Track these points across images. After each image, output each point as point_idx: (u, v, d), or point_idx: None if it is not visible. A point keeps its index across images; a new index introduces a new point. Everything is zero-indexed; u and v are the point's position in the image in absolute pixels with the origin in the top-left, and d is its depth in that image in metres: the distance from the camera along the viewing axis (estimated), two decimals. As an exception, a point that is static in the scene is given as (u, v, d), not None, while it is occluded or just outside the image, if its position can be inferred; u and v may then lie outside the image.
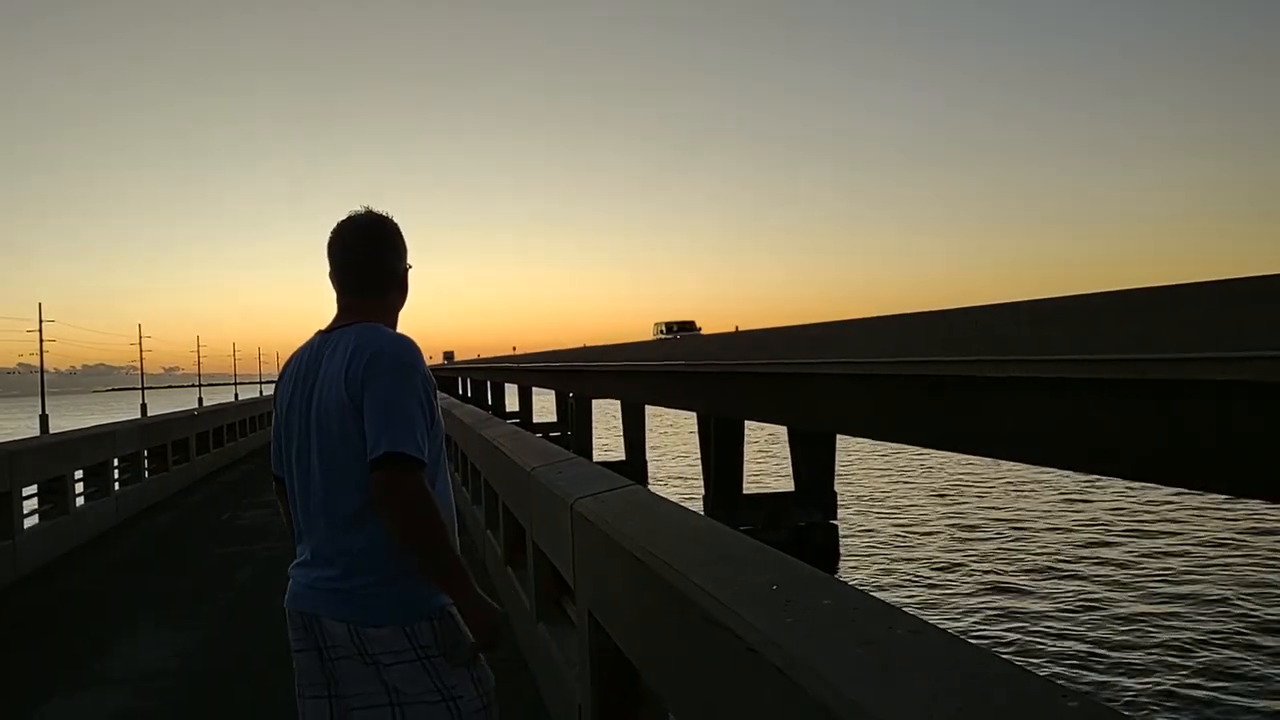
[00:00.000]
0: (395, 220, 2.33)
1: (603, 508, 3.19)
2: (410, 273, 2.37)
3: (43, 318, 63.69)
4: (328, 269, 2.31)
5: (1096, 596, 16.66)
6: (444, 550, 2.08)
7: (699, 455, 25.84)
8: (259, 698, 5.16)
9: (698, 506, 24.78)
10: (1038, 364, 9.43)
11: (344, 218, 2.29)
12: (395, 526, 2.04)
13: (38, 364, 62.49)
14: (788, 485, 24.67)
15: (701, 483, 25.11)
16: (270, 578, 8.57)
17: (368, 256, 2.28)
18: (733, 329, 25.60)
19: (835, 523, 23.02)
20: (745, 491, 23.92)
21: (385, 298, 2.30)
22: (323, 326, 2.30)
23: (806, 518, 22.80)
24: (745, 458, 24.36)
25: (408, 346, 2.17)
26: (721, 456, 23.26)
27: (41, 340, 62.87)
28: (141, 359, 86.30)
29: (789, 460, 24.74)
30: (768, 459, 35.45)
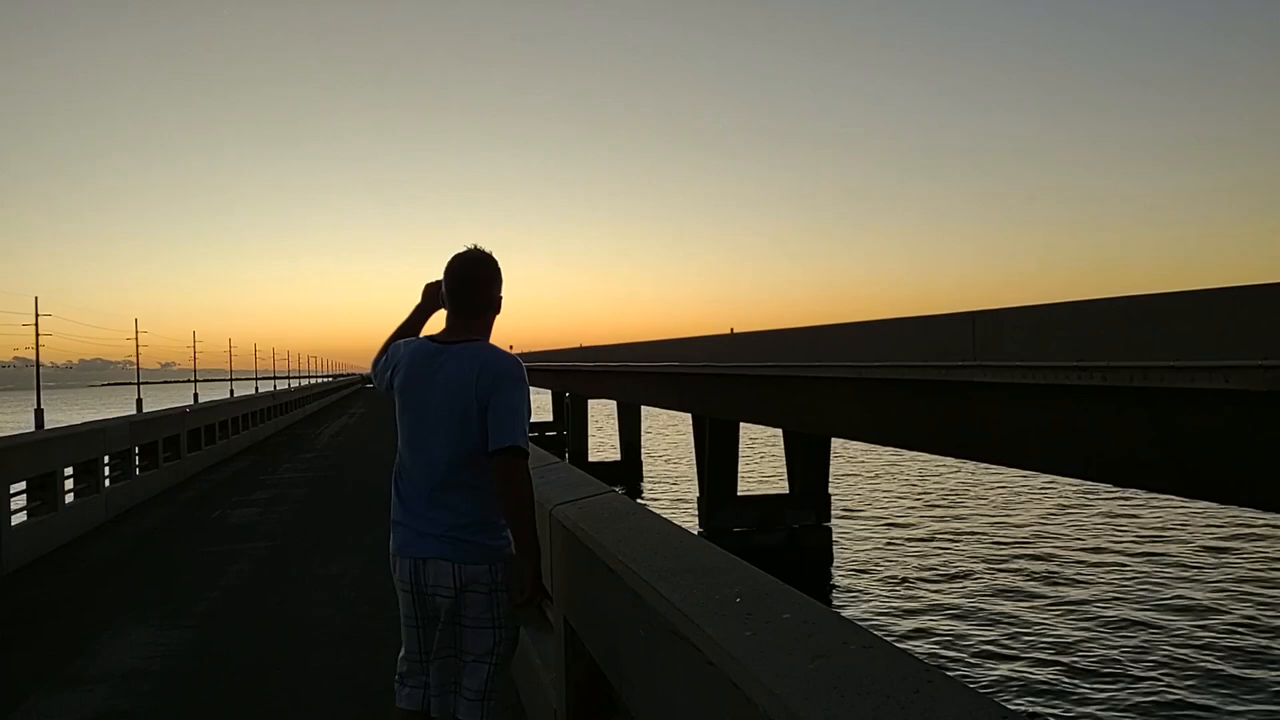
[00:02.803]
0: (495, 255, 3.00)
1: (580, 514, 3.19)
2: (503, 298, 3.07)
3: (39, 312, 63.62)
4: (442, 287, 3.00)
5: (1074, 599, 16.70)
6: (531, 511, 2.92)
7: (694, 456, 25.89)
8: (243, 698, 5.16)
9: (692, 507, 24.82)
10: (1027, 370, 9.47)
11: (462, 250, 2.98)
12: (507, 495, 2.82)
13: (33, 358, 62.38)
14: (782, 487, 24.70)
15: (696, 484, 25.13)
16: (258, 577, 8.57)
17: (478, 285, 2.98)
18: (728, 330, 25.58)
19: (829, 525, 23.05)
20: (740, 493, 23.93)
21: (486, 317, 3.01)
22: (432, 334, 3.05)
23: (800, 520, 22.83)
24: (740, 459, 24.39)
25: (519, 366, 2.91)
26: (716, 458, 23.28)
27: (38, 334, 62.81)
28: (138, 354, 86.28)
29: (784, 462, 24.80)
30: (764, 460, 35.44)
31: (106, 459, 12.90)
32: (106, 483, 12.74)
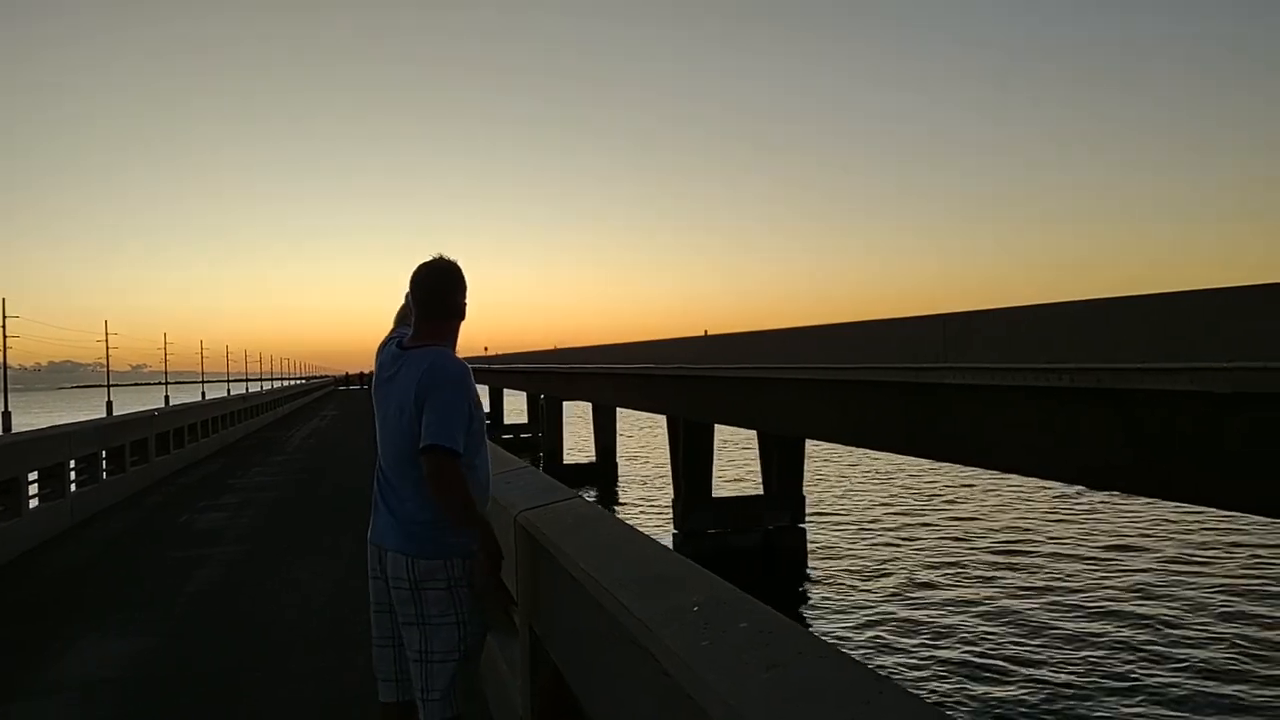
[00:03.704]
0: (458, 263, 3.13)
1: (544, 521, 3.18)
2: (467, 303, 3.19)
3: (6, 313, 62.62)
4: (409, 296, 3.13)
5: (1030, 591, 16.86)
6: (462, 509, 2.92)
7: (669, 458, 25.88)
8: (208, 706, 5.10)
9: (667, 509, 24.82)
10: (996, 372, 9.54)
11: (426, 260, 3.10)
12: (435, 493, 2.91)
13: (0, 360, 61.34)
14: (757, 489, 24.74)
15: (671, 486, 25.13)
16: (226, 582, 8.47)
17: (441, 294, 3.09)
18: (701, 333, 25.59)
19: (803, 526, 23.11)
20: (714, 495, 23.93)
21: (450, 323, 3.13)
22: (375, 334, 3.27)
23: (775, 521, 22.87)
24: (715, 461, 24.40)
25: (461, 369, 3.02)
26: (690, 460, 23.27)
27: (4, 336, 61.80)
28: (108, 356, 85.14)
29: (759, 463, 24.85)
30: (738, 462, 35.50)
31: (72, 463, 12.71)
32: (72, 487, 12.56)
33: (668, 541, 22.44)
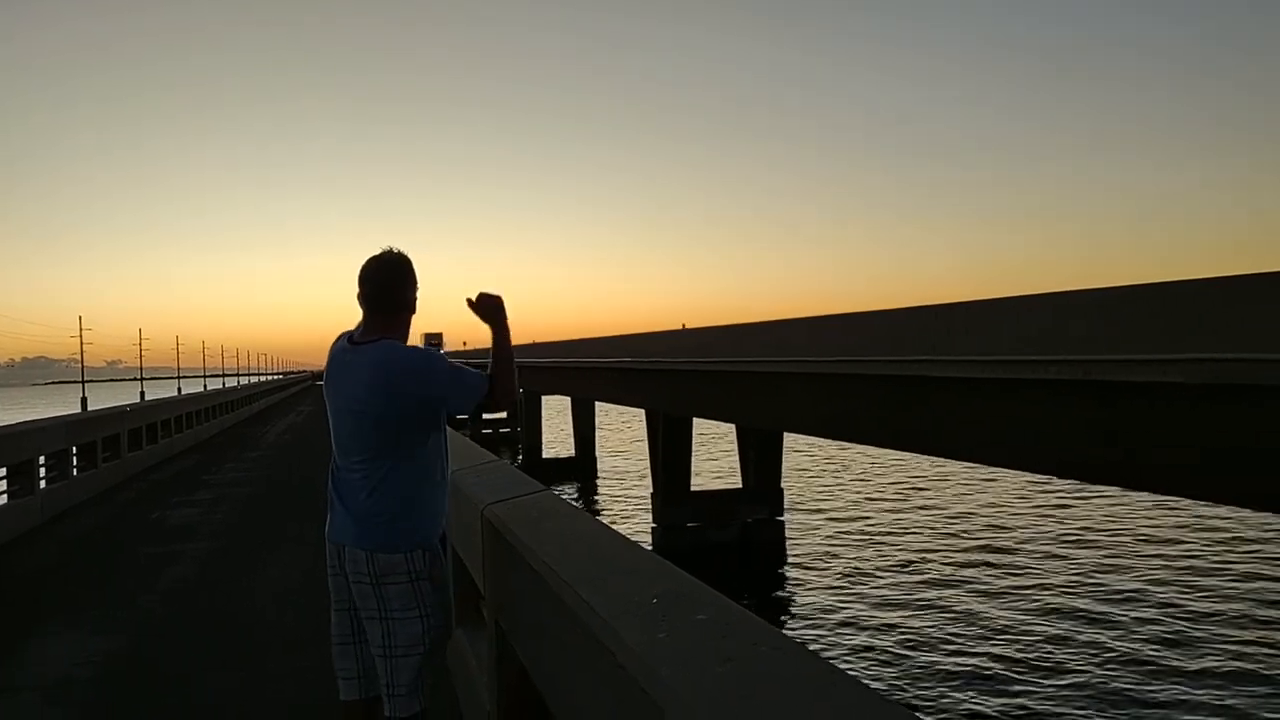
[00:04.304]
0: (409, 256, 3.10)
1: (509, 514, 3.14)
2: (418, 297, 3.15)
3: (-24, 309, 61.74)
4: (358, 290, 3.04)
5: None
6: (511, 371, 3.04)
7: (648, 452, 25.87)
8: (177, 706, 5.03)
9: (646, 503, 24.81)
10: (979, 364, 9.56)
11: (376, 254, 3.07)
12: (504, 405, 3.07)
13: (-30, 356, 60.46)
14: (736, 482, 24.79)
15: (650, 480, 25.13)
16: (198, 579, 8.37)
17: (392, 289, 3.05)
18: (680, 326, 25.59)
19: (782, 519, 23.18)
20: (693, 488, 23.96)
21: (401, 316, 3.08)
22: (347, 328, 3.10)
23: (753, 515, 22.92)
24: (694, 455, 24.42)
25: (426, 352, 3.05)
26: (669, 454, 23.27)
27: (-25, 332, 60.96)
28: (82, 352, 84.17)
29: (737, 457, 24.89)
30: (717, 455, 35.55)
31: (42, 459, 12.56)
32: (42, 484, 12.40)
33: (646, 535, 22.47)
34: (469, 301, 3.10)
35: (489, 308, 3.09)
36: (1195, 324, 7.24)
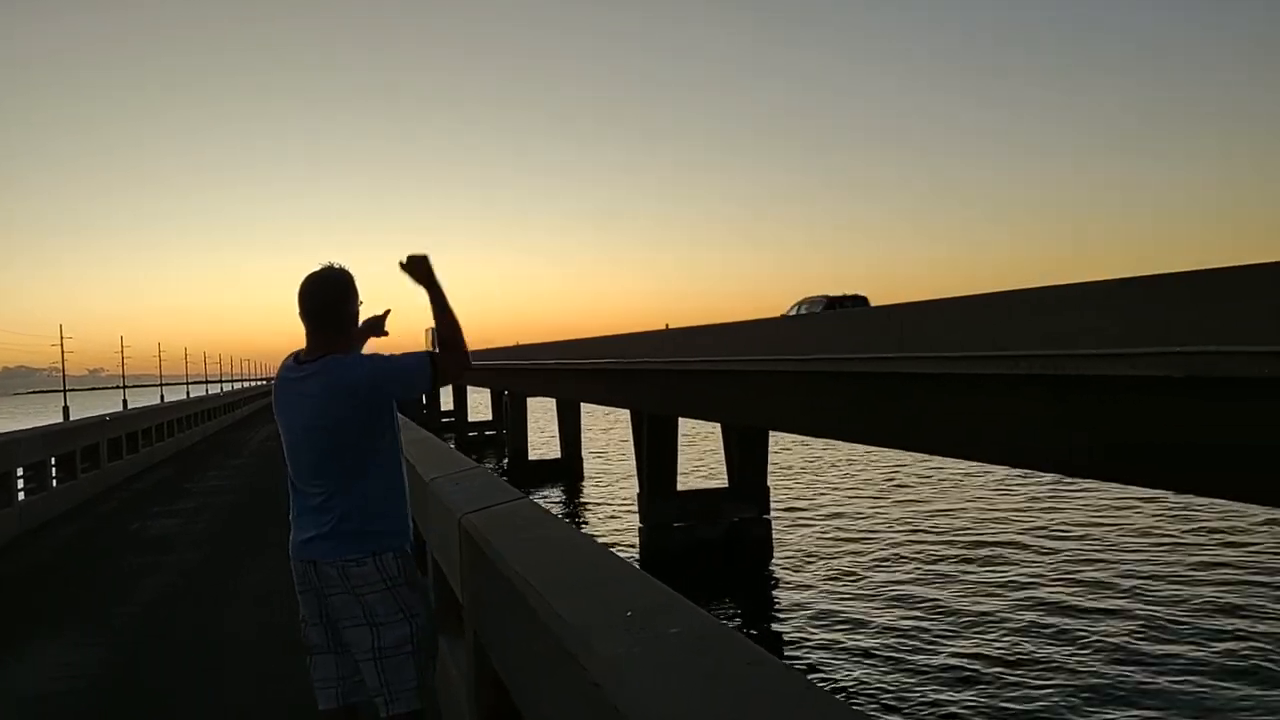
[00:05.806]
0: (350, 271, 3.11)
1: (486, 524, 3.09)
2: (361, 308, 3.19)
3: (-47, 319, 61.10)
4: (299, 308, 3.04)
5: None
6: (456, 334, 3.07)
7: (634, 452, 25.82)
8: (155, 718, 4.96)
9: (632, 503, 24.76)
10: (947, 360, 9.58)
11: (313, 271, 3.07)
12: (452, 376, 3.06)
13: (-52, 367, 59.82)
14: (722, 481, 24.76)
15: (636, 479, 25.09)
16: (177, 591, 8.28)
17: (333, 306, 3.06)
18: (663, 326, 25.56)
19: (768, 518, 23.17)
20: (679, 488, 23.92)
21: (346, 331, 3.11)
22: (296, 348, 3.09)
23: (740, 513, 22.90)
24: (680, 454, 24.39)
25: (360, 360, 3.06)
26: (655, 453, 23.22)
27: (-48, 342, 60.29)
28: (64, 360, 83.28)
29: (723, 456, 24.87)
30: (703, 455, 35.55)
31: (20, 471, 12.42)
32: (20, 495, 12.26)
33: (633, 535, 22.44)
34: (400, 265, 3.06)
35: (421, 270, 3.05)
36: (1179, 316, 7.26)
